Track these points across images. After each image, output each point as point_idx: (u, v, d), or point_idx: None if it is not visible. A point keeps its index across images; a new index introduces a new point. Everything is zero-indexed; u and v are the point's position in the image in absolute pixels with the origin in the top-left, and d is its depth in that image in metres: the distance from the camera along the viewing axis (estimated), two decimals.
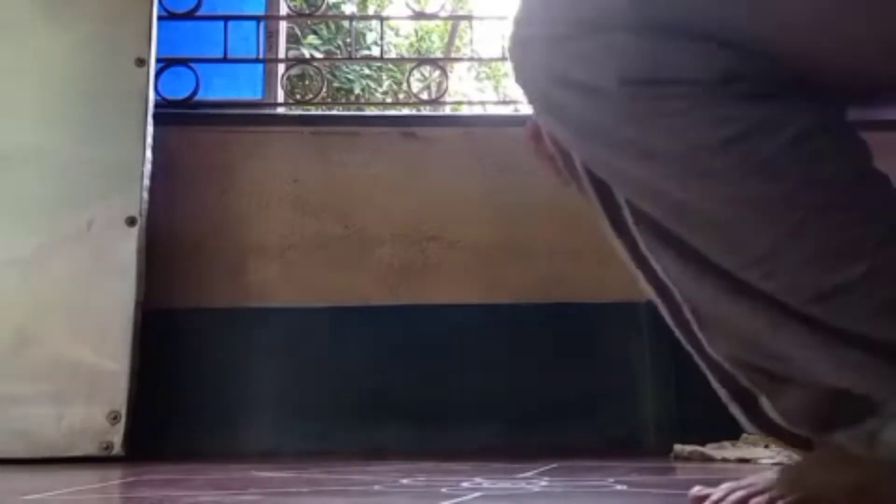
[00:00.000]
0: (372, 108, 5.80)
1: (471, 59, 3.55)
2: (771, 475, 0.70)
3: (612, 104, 0.66)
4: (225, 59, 2.52)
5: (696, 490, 0.74)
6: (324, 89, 2.61)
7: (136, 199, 2.08)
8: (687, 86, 0.63)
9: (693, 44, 0.63)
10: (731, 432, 1.86)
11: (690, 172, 0.65)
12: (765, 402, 0.70)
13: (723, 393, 0.73)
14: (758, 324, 0.66)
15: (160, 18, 2.33)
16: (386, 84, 6.81)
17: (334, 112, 3.24)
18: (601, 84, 0.65)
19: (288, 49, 2.95)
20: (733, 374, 0.71)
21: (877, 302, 0.63)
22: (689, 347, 0.74)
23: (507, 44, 0.74)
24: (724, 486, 0.71)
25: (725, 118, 0.63)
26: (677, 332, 0.74)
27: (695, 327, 0.71)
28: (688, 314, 0.71)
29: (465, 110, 3.99)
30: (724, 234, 0.66)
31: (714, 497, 0.70)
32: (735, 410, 0.73)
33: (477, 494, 1.00)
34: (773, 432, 0.72)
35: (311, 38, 6.29)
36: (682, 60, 0.63)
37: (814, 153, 0.63)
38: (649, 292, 0.74)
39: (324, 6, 2.81)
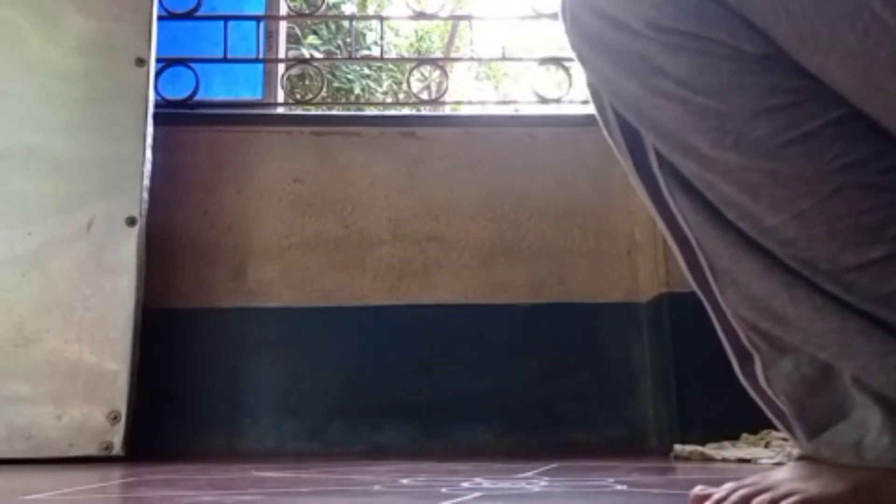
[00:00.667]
0: (372, 108, 5.80)
1: (471, 59, 3.55)
2: (773, 475, 0.70)
3: (643, 44, 0.66)
4: (225, 59, 2.52)
5: (699, 489, 0.73)
6: (324, 89, 2.61)
7: (136, 199, 2.08)
8: (733, 49, 0.64)
9: (734, 14, 0.63)
10: (731, 432, 1.86)
11: (727, 133, 0.65)
12: (757, 365, 0.72)
13: (725, 343, 0.75)
14: (771, 283, 0.67)
15: (160, 18, 2.33)
16: (386, 84, 6.82)
17: (334, 112, 3.25)
18: (629, 22, 0.66)
19: (288, 49, 2.95)
20: (736, 330, 0.73)
21: (888, 288, 0.64)
22: (700, 294, 0.74)
23: None
24: (727, 486, 0.71)
25: (777, 87, 0.64)
26: (690, 279, 0.74)
27: (708, 276, 0.72)
28: (703, 263, 0.72)
29: (464, 110, 3.99)
30: (747, 199, 0.66)
31: (716, 497, 0.70)
32: (733, 360, 0.75)
33: (477, 494, 1.00)
34: (759, 394, 0.74)
35: (312, 39, 6.30)
36: (731, 26, 0.63)
37: (857, 133, 0.64)
38: (667, 236, 0.75)
39: (324, 6, 2.81)
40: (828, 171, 0.64)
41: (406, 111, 2.79)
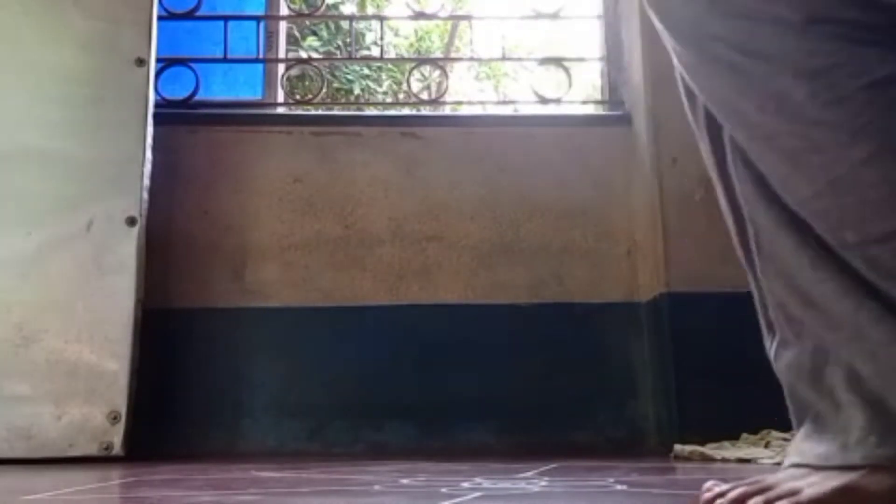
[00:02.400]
0: (372, 108, 5.80)
1: (471, 59, 3.55)
2: (774, 476, 0.71)
3: (699, 10, 0.69)
4: (225, 60, 2.53)
5: (710, 484, 0.74)
6: (324, 89, 2.61)
7: (136, 199, 2.08)
8: (775, 15, 0.66)
9: None
10: (731, 432, 1.86)
11: (771, 96, 0.67)
12: (774, 340, 0.74)
13: (759, 313, 0.77)
14: (801, 259, 0.69)
15: (160, 18, 2.33)
16: (386, 84, 6.81)
17: (334, 112, 3.24)
18: None
19: (287, 51, 2.95)
20: (767, 304, 0.75)
21: None
22: (744, 266, 0.77)
23: None
24: (732, 484, 0.72)
25: (815, 51, 0.65)
26: (738, 251, 0.78)
27: (753, 248, 0.75)
28: (750, 235, 0.74)
29: (464, 110, 3.99)
30: (788, 167, 0.68)
31: (717, 490, 0.71)
32: (763, 327, 0.77)
33: (477, 494, 1.00)
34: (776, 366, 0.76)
35: (311, 40, 6.29)
36: None
37: (893, 100, 0.64)
38: (723, 207, 0.78)
39: (323, 6, 2.81)
40: (862, 136, 0.64)
41: (406, 111, 2.79)
